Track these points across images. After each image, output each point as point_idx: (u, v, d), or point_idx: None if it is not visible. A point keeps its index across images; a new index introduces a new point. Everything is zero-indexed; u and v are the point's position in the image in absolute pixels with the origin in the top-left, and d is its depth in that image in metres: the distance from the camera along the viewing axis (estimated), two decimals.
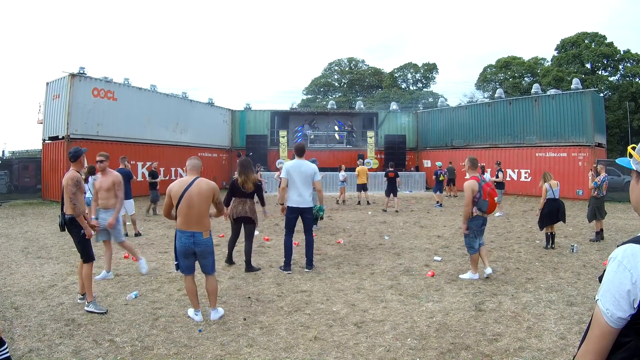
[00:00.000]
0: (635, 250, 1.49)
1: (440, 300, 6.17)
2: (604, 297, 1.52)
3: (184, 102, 26.07)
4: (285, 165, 7.71)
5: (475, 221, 7.17)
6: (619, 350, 1.51)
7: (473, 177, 7.17)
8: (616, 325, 1.49)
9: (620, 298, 1.47)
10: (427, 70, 59.55)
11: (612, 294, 1.49)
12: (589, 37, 42.04)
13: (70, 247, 9.27)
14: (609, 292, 1.51)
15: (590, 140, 21.21)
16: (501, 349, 4.52)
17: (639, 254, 1.47)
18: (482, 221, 7.23)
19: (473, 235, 7.23)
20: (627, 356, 1.49)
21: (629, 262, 1.48)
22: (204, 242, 5.25)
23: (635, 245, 1.50)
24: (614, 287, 1.49)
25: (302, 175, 7.55)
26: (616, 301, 1.48)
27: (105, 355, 4.35)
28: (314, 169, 7.72)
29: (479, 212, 7.10)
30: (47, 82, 20.34)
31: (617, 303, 1.47)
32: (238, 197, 7.77)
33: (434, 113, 31.14)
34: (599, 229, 10.68)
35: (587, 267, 8.03)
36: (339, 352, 4.46)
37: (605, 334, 1.52)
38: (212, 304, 5.47)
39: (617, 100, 38.42)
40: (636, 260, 1.46)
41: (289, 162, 7.77)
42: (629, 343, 1.49)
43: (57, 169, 18.54)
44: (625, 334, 1.50)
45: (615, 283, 1.49)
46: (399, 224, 13.53)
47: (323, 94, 63.64)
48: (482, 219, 7.20)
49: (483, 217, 7.18)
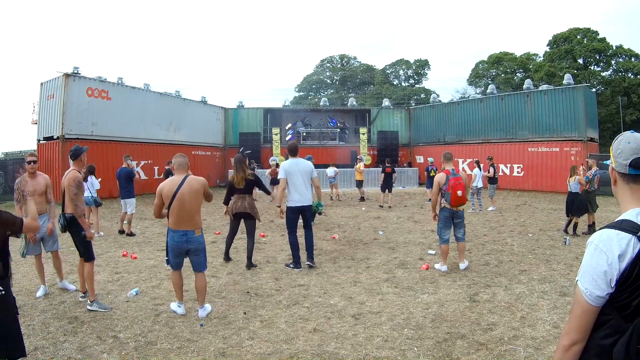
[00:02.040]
0: (611, 235, 1.63)
1: (435, 292, 6.30)
2: (583, 277, 1.66)
3: (178, 101, 26.06)
4: (283, 166, 7.64)
5: (443, 212, 7.46)
6: (602, 327, 1.65)
7: (444, 170, 7.51)
8: (595, 303, 1.63)
9: (598, 278, 1.61)
10: (419, 66, 59.77)
11: (590, 275, 1.64)
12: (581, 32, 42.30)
13: (69, 247, 9.27)
14: (587, 273, 1.65)
15: (582, 135, 21.42)
16: (496, 338, 4.65)
17: (614, 237, 1.61)
18: (449, 213, 7.41)
19: (442, 225, 7.49)
20: (609, 333, 1.62)
21: (605, 245, 1.62)
22: (196, 240, 5.32)
23: (610, 230, 1.64)
24: (592, 269, 1.63)
25: (301, 173, 7.56)
26: (594, 281, 1.62)
27: (110, 351, 4.43)
28: (311, 166, 7.78)
29: (445, 204, 7.39)
30: (42, 83, 20.25)
31: (595, 283, 1.61)
32: (237, 194, 7.83)
33: (426, 109, 31.28)
34: (591, 222, 10.86)
35: (579, 259, 8.11)
36: (338, 342, 4.58)
37: (585, 312, 1.65)
38: (200, 301, 5.49)
39: (610, 95, 38.72)
40: (611, 244, 1.60)
41: (285, 162, 7.73)
42: (611, 321, 1.62)
43: (52, 169, 18.46)
44: (606, 312, 1.63)
45: (592, 265, 1.63)
46: (392, 219, 13.66)
47: (315, 91, 63.69)
48: (449, 211, 7.40)
49: (450, 209, 7.38)
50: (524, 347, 4.43)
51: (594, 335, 1.66)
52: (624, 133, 1.79)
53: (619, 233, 1.62)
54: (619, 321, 1.61)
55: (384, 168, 17.28)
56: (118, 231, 11.10)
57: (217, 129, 29.50)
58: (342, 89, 61.68)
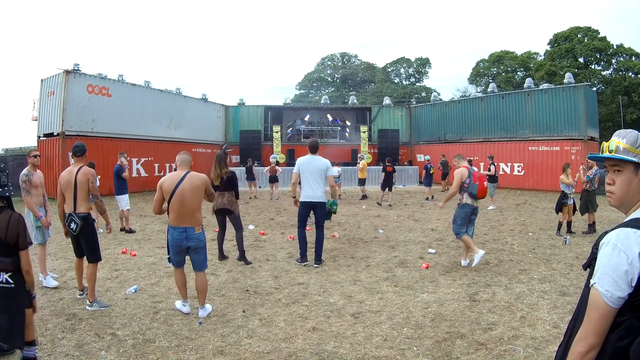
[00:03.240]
0: (628, 233, 1.60)
1: (435, 291, 6.28)
2: (601, 279, 1.62)
3: (178, 98, 25.99)
4: (298, 161, 7.83)
5: (465, 209, 7.38)
6: (616, 329, 1.61)
7: (463, 166, 7.43)
8: (616, 305, 1.59)
9: (619, 279, 1.57)
10: (420, 65, 59.67)
11: (609, 276, 1.59)
12: (582, 31, 42.17)
13: (68, 243, 9.27)
14: (606, 275, 1.60)
15: (582, 134, 21.37)
16: (495, 338, 4.64)
17: (632, 236, 1.59)
18: (471, 210, 7.37)
19: (460, 223, 7.41)
20: (623, 335, 1.59)
21: (623, 244, 1.58)
22: (196, 237, 5.28)
23: (627, 228, 1.62)
24: (611, 269, 1.59)
25: (314, 170, 7.62)
26: (615, 282, 1.58)
27: (107, 349, 4.41)
28: (327, 164, 7.78)
29: (468, 200, 7.28)
30: (42, 79, 20.18)
31: (616, 284, 1.58)
32: (217, 191, 7.91)
33: (427, 107, 31.22)
34: (592, 222, 10.84)
35: (579, 258, 8.17)
36: (337, 341, 4.56)
37: (604, 315, 1.61)
38: (201, 302, 5.43)
39: (610, 94, 38.64)
40: (630, 242, 1.58)
41: (301, 158, 7.87)
42: (625, 322, 1.59)
43: (52, 166, 18.43)
44: (621, 313, 1.60)
45: (612, 265, 1.59)
46: (393, 217, 13.65)
47: (316, 89, 63.64)
48: (472, 208, 7.35)
49: (472, 205, 7.33)
50: (524, 347, 4.42)
51: (608, 338, 1.63)
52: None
53: (636, 231, 1.59)
54: (633, 321, 1.58)
55: (385, 167, 17.26)
56: (119, 229, 11.07)
57: (217, 126, 29.46)
58: (342, 87, 61.66)
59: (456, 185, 7.37)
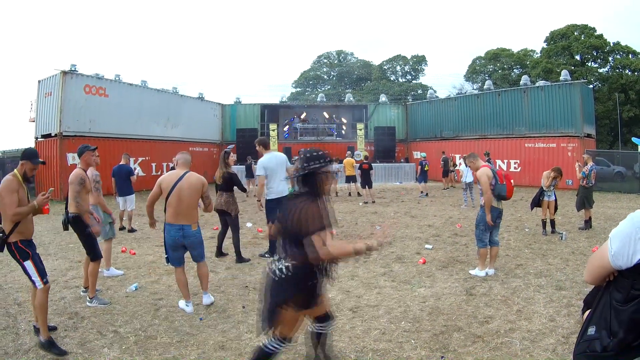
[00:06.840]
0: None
1: (432, 285, 6.36)
2: (615, 237, 1.82)
3: (175, 97, 26.03)
4: (262, 162, 7.64)
5: (490, 213, 6.70)
6: (633, 302, 1.75)
7: (483, 165, 6.88)
8: (614, 266, 1.79)
9: (624, 245, 1.75)
10: (416, 62, 59.61)
11: (620, 239, 1.78)
12: (579, 29, 42.17)
13: (67, 244, 9.37)
14: (617, 236, 1.80)
15: (579, 131, 21.48)
16: (492, 331, 4.72)
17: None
18: (497, 213, 6.79)
19: (484, 228, 6.80)
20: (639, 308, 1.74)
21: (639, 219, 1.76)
22: (192, 234, 5.38)
23: None
24: (623, 234, 1.78)
25: (281, 165, 7.63)
26: (623, 245, 1.76)
27: (110, 346, 4.47)
28: (285, 157, 7.91)
29: (494, 202, 6.69)
30: (39, 80, 20.18)
31: (623, 247, 1.76)
32: (218, 190, 8.11)
33: (423, 105, 31.31)
34: (588, 218, 10.91)
35: (575, 253, 8.25)
36: (336, 335, 4.61)
37: (603, 267, 1.86)
38: (205, 287, 5.66)
39: (607, 91, 38.69)
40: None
41: (263, 158, 7.69)
42: None
43: (50, 167, 18.45)
44: (636, 287, 1.75)
45: (625, 231, 1.78)
46: (390, 214, 13.72)
47: (312, 87, 63.55)
48: (497, 211, 6.77)
49: (498, 208, 6.77)
50: (520, 339, 4.49)
51: (626, 309, 1.76)
52: None
53: None
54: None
55: (361, 165, 17.40)
56: (119, 228, 11.09)
57: (214, 125, 29.49)
58: (339, 85, 61.56)
59: (488, 189, 6.57)
